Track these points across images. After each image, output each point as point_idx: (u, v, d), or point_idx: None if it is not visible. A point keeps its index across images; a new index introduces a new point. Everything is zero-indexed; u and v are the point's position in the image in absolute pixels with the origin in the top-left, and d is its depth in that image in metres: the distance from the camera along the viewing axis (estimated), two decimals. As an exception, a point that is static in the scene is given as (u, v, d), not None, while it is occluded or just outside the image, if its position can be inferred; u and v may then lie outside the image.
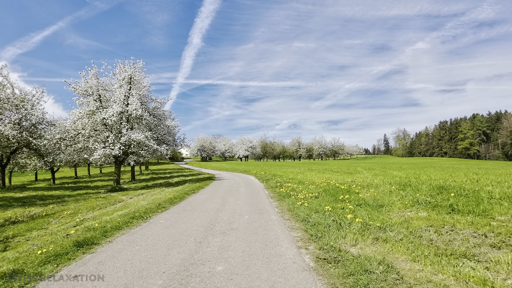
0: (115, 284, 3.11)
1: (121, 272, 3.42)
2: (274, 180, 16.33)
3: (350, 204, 6.95)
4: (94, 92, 16.77)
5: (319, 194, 8.98)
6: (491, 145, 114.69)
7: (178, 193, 12.06)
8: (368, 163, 50.80)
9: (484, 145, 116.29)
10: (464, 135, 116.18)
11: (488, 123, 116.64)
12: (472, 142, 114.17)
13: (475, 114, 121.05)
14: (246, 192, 11.83)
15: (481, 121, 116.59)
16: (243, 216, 6.64)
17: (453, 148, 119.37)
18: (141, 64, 18.02)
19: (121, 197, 13.26)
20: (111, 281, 3.19)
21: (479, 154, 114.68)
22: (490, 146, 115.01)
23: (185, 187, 14.79)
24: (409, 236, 4.18)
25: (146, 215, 7.04)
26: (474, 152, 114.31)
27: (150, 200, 10.45)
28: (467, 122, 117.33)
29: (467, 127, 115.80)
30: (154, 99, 18.90)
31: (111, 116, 15.47)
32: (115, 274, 3.38)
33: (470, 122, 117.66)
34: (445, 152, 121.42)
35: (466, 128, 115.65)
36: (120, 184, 18.06)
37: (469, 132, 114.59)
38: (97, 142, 16.20)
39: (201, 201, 9.53)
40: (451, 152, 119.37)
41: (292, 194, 9.41)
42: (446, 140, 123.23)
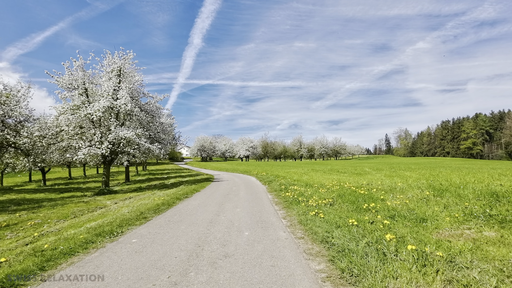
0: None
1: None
2: (278, 182, 14.80)
3: (379, 215, 5.43)
4: (79, 85, 15.25)
5: (334, 201, 7.46)
6: (494, 145, 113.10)
7: (170, 197, 10.56)
8: (373, 163, 49.24)
9: (487, 144, 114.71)
10: (466, 135, 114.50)
11: (491, 122, 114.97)
12: (475, 142, 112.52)
13: (478, 113, 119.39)
14: (246, 196, 10.30)
15: (484, 120, 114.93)
16: (242, 232, 5.12)
17: (456, 148, 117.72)
18: (132, 55, 16.50)
19: (105, 202, 11.74)
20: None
21: (482, 154, 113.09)
22: (493, 145, 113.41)
23: (179, 190, 13.28)
24: (502, 277, 2.66)
25: (120, 230, 5.51)
26: (477, 152, 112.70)
27: (134, 206, 8.94)
28: (470, 122, 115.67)
29: (470, 126, 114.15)
30: (146, 93, 17.37)
31: (97, 111, 13.95)
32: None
33: (473, 121, 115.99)
34: (448, 152, 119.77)
35: (469, 127, 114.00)
36: (109, 186, 16.54)
37: (472, 132, 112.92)
38: (82, 140, 14.67)
39: (193, 208, 8.01)
40: (454, 152, 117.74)
41: (302, 200, 7.89)
42: (449, 140, 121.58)
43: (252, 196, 10.39)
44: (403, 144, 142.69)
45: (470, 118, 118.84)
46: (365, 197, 7.32)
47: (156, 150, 15.40)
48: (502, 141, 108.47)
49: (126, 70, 16.39)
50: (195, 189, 13.40)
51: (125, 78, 16.39)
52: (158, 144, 15.97)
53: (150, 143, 16.73)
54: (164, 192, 12.97)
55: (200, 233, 5.10)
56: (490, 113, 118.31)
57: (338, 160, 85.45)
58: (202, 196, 11.02)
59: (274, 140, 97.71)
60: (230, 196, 10.53)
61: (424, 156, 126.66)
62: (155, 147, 15.28)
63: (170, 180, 22.81)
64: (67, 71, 14.93)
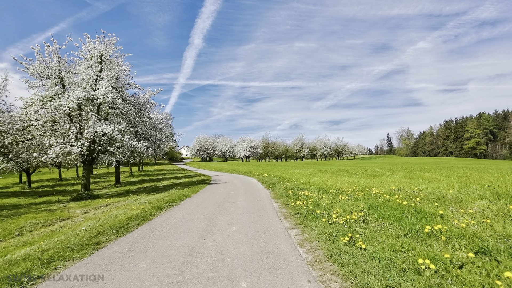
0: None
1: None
2: (283, 185, 12.71)
3: (455, 245, 3.35)
4: (53, 74, 13.17)
5: (367, 215, 5.38)
6: (498, 145, 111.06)
7: (152, 205, 8.49)
8: (378, 163, 47.08)
9: (491, 144, 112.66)
10: (470, 134, 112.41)
11: (495, 122, 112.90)
12: (478, 142, 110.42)
13: (482, 112, 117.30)
14: (246, 205, 8.22)
15: (487, 120, 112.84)
16: (237, 281, 3.04)
17: (459, 148, 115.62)
18: (115, 40, 14.42)
19: (74, 211, 9.65)
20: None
21: (486, 153, 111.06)
22: (497, 145, 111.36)
23: (166, 196, 11.21)
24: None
25: (40, 271, 3.43)
26: (480, 152, 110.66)
27: (100, 220, 6.86)
28: (473, 121, 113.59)
29: (473, 126, 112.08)
30: (133, 84, 15.26)
31: (69, 103, 11.85)
32: None
33: (476, 121, 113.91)
34: (451, 151, 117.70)
35: (472, 127, 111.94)
36: (89, 190, 14.43)
37: (475, 131, 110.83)
38: (54, 137, 12.58)
39: (173, 225, 5.92)
40: (457, 151, 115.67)
41: (321, 214, 5.81)
42: (452, 140, 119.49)
43: (253, 204, 8.31)
44: (405, 144, 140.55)
45: (474, 117, 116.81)
46: (411, 211, 5.23)
47: (142, 148, 13.30)
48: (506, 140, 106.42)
49: (108, 57, 14.32)
50: (185, 194, 11.31)
51: (108, 66, 14.32)
52: (144, 142, 13.83)
53: (138, 140, 14.63)
54: (148, 198, 10.89)
55: (167, 284, 3.02)
56: (493, 113, 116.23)
57: (341, 160, 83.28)
58: (191, 204, 8.92)
59: (275, 140, 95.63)
60: (225, 204, 8.44)
61: (426, 156, 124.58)
62: (140, 145, 13.17)
63: (163, 182, 20.73)
64: (37, 57, 12.84)
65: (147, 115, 15.98)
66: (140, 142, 13.29)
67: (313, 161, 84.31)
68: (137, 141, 13.93)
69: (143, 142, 13.56)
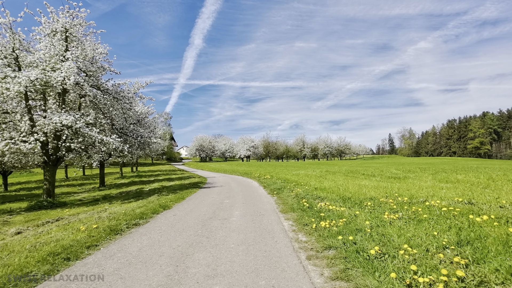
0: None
1: None
2: (291, 191, 10.05)
3: None
4: (4, 52, 10.56)
5: (472, 268, 2.80)
6: (503, 144, 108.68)
7: (109, 223, 5.88)
8: (385, 163, 44.50)
9: (495, 144, 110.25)
10: (474, 134, 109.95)
11: (499, 121, 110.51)
12: (482, 141, 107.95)
13: (486, 112, 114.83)
14: (242, 226, 5.59)
15: (492, 119, 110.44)
16: None
17: (463, 148, 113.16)
18: (85, 14, 11.80)
19: (6, 230, 7.01)
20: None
21: (490, 153, 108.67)
22: (501, 145, 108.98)
23: (140, 206, 8.59)
24: None
25: None
26: (485, 152, 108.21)
27: (15, 251, 4.25)
28: (477, 121, 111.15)
29: (477, 125, 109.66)
30: (108, 67, 12.57)
31: (16, 85, 9.19)
32: None
33: (480, 120, 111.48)
34: (454, 151, 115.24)
35: (476, 126, 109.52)
36: (52, 196, 11.76)
37: (479, 131, 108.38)
38: (2, 130, 9.94)
39: (111, 273, 3.31)
40: (460, 151, 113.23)
41: (377, 256, 3.22)
42: (455, 139, 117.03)
43: (254, 224, 5.67)
44: (407, 144, 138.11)
45: (478, 117, 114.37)
46: None
47: (116, 144, 10.63)
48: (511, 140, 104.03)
49: (76, 33, 11.71)
50: (165, 205, 8.66)
51: (77, 45, 11.69)
52: (116, 136, 11.12)
53: (111, 135, 11.96)
54: (116, 210, 8.24)
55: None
56: (498, 112, 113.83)
57: (344, 160, 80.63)
58: (165, 222, 6.28)
59: (276, 139, 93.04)
60: (213, 224, 5.81)
61: (429, 156, 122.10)
62: (112, 140, 10.49)
63: (152, 185, 18.07)
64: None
65: (127, 106, 13.32)
66: (112, 137, 10.62)
67: (315, 161, 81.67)
68: (108, 136, 11.24)
69: (116, 137, 10.89)
